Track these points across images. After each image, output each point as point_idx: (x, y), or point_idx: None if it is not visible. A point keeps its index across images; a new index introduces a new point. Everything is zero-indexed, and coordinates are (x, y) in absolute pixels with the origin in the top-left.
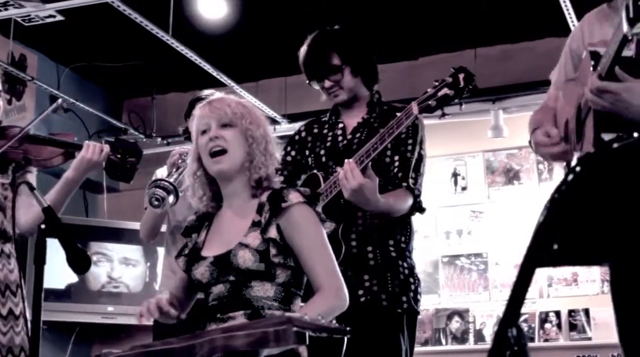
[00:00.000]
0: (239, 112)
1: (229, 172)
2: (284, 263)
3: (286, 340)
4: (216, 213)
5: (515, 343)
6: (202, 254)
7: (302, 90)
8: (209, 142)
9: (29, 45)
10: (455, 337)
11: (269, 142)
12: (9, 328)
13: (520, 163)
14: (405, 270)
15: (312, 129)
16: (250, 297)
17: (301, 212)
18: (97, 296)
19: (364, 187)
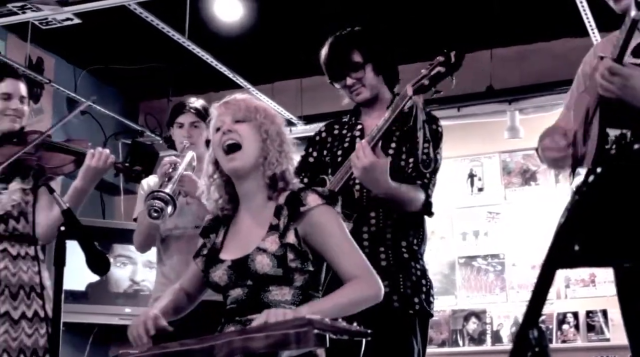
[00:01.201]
0: (253, 107)
1: (244, 168)
2: (301, 268)
3: (307, 342)
4: (234, 215)
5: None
6: (221, 257)
7: (318, 91)
8: (222, 136)
9: (46, 48)
10: (472, 339)
11: (284, 142)
12: (33, 330)
13: (537, 164)
14: (417, 272)
15: (333, 129)
16: (268, 301)
17: (321, 213)
18: (114, 297)
19: (374, 165)
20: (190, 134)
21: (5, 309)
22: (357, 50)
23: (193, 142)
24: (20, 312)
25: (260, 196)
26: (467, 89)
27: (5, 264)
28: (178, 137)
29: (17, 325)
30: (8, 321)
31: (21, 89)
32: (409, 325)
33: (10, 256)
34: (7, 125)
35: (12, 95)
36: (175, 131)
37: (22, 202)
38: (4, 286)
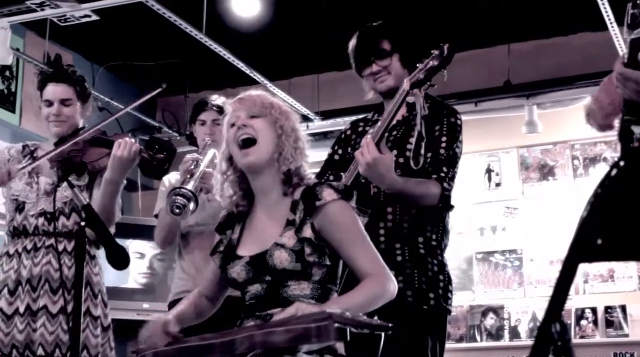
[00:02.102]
0: (268, 103)
1: (259, 164)
2: (319, 262)
3: (327, 336)
4: (249, 211)
5: (559, 339)
6: (238, 254)
7: (335, 87)
8: (237, 131)
9: (65, 46)
10: (490, 334)
11: (299, 138)
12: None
13: (555, 159)
14: (434, 267)
15: (358, 127)
16: (287, 296)
17: (337, 208)
18: (131, 293)
19: (378, 161)
20: (212, 131)
21: (44, 303)
22: (386, 39)
23: (215, 139)
24: (58, 307)
25: (276, 192)
26: (484, 84)
27: (49, 259)
28: (200, 134)
29: (55, 320)
30: (46, 315)
31: (62, 92)
32: (424, 321)
33: (56, 251)
34: (55, 131)
35: (53, 101)
36: (198, 129)
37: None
38: (45, 281)
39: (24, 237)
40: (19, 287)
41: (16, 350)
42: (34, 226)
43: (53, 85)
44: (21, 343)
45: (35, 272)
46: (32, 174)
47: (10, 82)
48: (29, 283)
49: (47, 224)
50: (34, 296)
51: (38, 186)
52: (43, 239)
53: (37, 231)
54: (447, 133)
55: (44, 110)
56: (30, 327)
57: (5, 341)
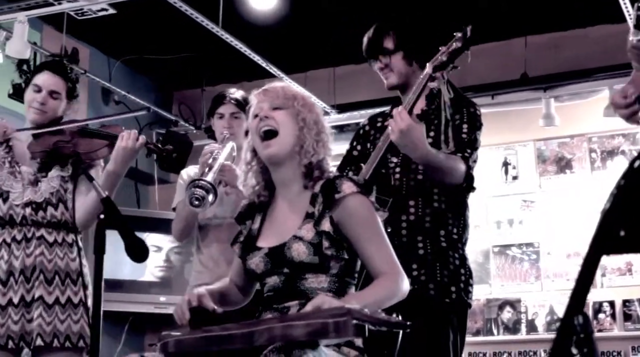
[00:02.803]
0: (290, 95)
1: (279, 155)
2: (336, 256)
3: (345, 332)
4: (270, 202)
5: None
6: (257, 244)
7: (351, 80)
8: (259, 122)
9: (81, 39)
10: (507, 328)
11: (322, 131)
12: (66, 316)
13: (572, 152)
14: (456, 260)
15: (376, 122)
16: (304, 289)
17: (355, 202)
18: (148, 286)
19: (411, 128)
20: (230, 124)
21: (40, 293)
22: (390, 36)
23: (233, 133)
24: (54, 297)
25: (297, 184)
26: (501, 76)
27: (42, 250)
28: (218, 127)
29: (51, 310)
30: (42, 306)
31: (56, 83)
32: (445, 314)
33: (47, 243)
34: (31, 117)
35: (42, 88)
36: (216, 122)
37: (61, 189)
38: (39, 271)
39: (10, 226)
40: (10, 277)
41: (12, 341)
42: (22, 216)
43: (48, 73)
44: (16, 334)
45: (28, 263)
46: (12, 163)
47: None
48: (22, 274)
49: (34, 214)
50: (28, 286)
51: (21, 175)
52: (32, 229)
53: (25, 220)
54: (467, 121)
55: (30, 94)
56: (25, 318)
57: (0, 332)
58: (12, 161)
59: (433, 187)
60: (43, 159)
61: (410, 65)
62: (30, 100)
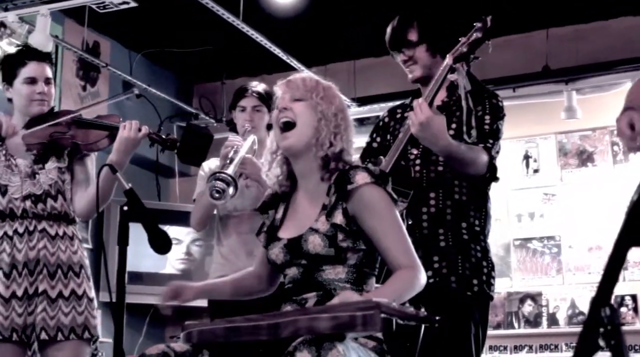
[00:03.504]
0: (311, 86)
1: (296, 147)
2: (353, 247)
3: (373, 325)
4: (292, 192)
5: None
6: (279, 235)
7: (371, 73)
8: (278, 113)
9: (103, 32)
10: (527, 321)
11: (340, 124)
12: (70, 308)
13: (594, 145)
14: (477, 253)
15: (395, 114)
16: (322, 280)
17: (370, 193)
18: (169, 279)
19: (431, 120)
20: (252, 117)
21: (43, 287)
22: (414, 29)
23: (254, 126)
24: (57, 291)
25: (315, 176)
26: (522, 69)
27: (45, 243)
28: (240, 120)
29: (54, 304)
30: (46, 300)
31: (46, 71)
32: (467, 307)
33: (49, 236)
34: (36, 109)
35: (37, 78)
36: (237, 115)
37: (59, 181)
38: (42, 265)
39: (11, 219)
40: (13, 270)
41: (16, 333)
42: (22, 209)
43: (36, 63)
44: (19, 326)
45: (32, 256)
46: (7, 156)
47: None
48: (26, 267)
49: (34, 206)
50: (31, 279)
51: (18, 168)
52: (33, 222)
53: (26, 213)
54: (489, 111)
55: (25, 88)
56: (27, 311)
57: (5, 324)
58: (6, 154)
59: (454, 179)
60: (40, 151)
61: (434, 57)
62: (29, 93)
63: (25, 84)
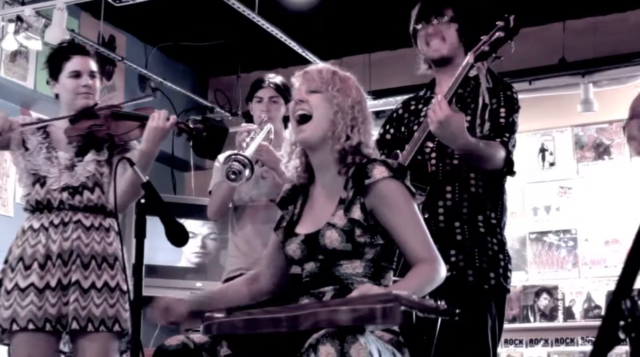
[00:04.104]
0: (327, 78)
1: (312, 140)
2: (370, 242)
3: (393, 318)
4: (310, 186)
5: (629, 315)
6: (296, 231)
7: (386, 66)
8: (295, 106)
9: (118, 26)
10: (543, 315)
11: (358, 116)
12: (102, 300)
13: (610, 138)
14: (494, 246)
15: (409, 105)
16: (339, 275)
17: (388, 187)
18: (184, 272)
19: (451, 118)
20: (268, 108)
21: (76, 277)
22: (449, 7)
23: (271, 116)
24: (90, 281)
25: (332, 169)
26: (539, 61)
27: (79, 234)
28: (256, 111)
29: (87, 294)
30: (78, 290)
31: (90, 64)
32: (484, 300)
33: (84, 227)
34: (81, 103)
35: (82, 72)
36: (254, 106)
37: (97, 173)
38: (76, 255)
39: (48, 211)
40: (48, 261)
41: (49, 323)
42: (59, 200)
43: (80, 57)
44: (53, 316)
45: (66, 247)
46: (49, 148)
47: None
48: (60, 257)
49: (71, 198)
50: (65, 270)
51: (58, 160)
52: (69, 214)
53: (62, 205)
54: (504, 104)
55: (70, 81)
56: (61, 301)
57: (38, 315)
58: (49, 147)
59: (470, 172)
60: (79, 143)
61: (460, 42)
62: (74, 87)
63: (70, 77)
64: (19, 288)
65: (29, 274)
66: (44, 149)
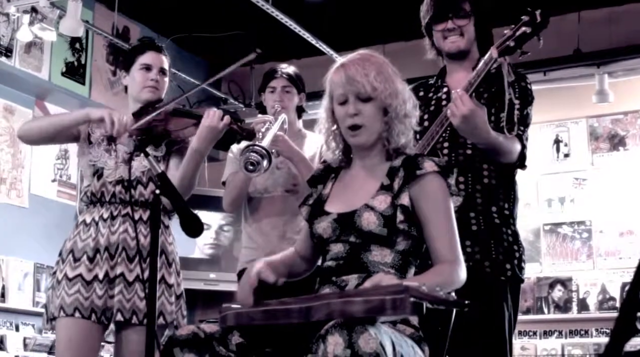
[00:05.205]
0: (378, 86)
1: (367, 144)
2: (407, 231)
3: (403, 309)
4: (345, 168)
5: None
6: (326, 209)
7: (401, 57)
8: (347, 117)
9: (132, 17)
10: (557, 306)
11: (407, 112)
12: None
13: (626, 128)
14: (509, 237)
15: (418, 92)
16: (367, 262)
17: (434, 181)
18: (198, 263)
19: (474, 112)
20: (281, 98)
21: (121, 270)
22: (467, 1)
23: (284, 106)
24: (134, 274)
25: (377, 155)
26: (553, 52)
27: (126, 227)
28: (270, 101)
29: (131, 287)
30: (123, 282)
31: (162, 61)
32: (500, 291)
33: (131, 220)
34: (146, 96)
35: (152, 66)
36: (267, 96)
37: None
38: (122, 248)
39: (100, 205)
40: (96, 254)
41: (94, 314)
42: (111, 193)
43: (154, 53)
44: (99, 308)
45: (113, 240)
46: (110, 141)
47: (80, 54)
48: (107, 251)
49: (124, 192)
50: (112, 263)
51: (116, 153)
52: (119, 207)
53: (114, 198)
54: (519, 96)
55: (140, 74)
56: (108, 294)
57: (85, 304)
58: (109, 139)
59: (483, 163)
60: (138, 137)
61: (477, 34)
62: (143, 79)
63: (141, 70)
64: (67, 278)
65: (78, 266)
66: (105, 141)
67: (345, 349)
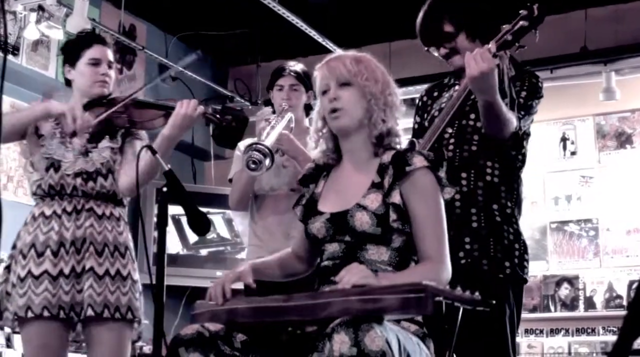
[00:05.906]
0: (354, 70)
1: (349, 127)
2: (401, 229)
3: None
4: (335, 166)
5: None
6: (319, 208)
7: (407, 55)
8: (328, 103)
9: (139, 15)
10: (564, 304)
11: (388, 100)
12: (115, 288)
13: (632, 126)
14: (510, 235)
15: (433, 92)
16: (364, 260)
17: (424, 177)
18: (203, 261)
19: (493, 71)
20: (289, 96)
21: (91, 264)
22: (449, 19)
23: (292, 104)
24: (104, 269)
25: (365, 152)
26: (560, 50)
27: (92, 222)
28: (277, 99)
29: (101, 281)
30: (93, 277)
31: (109, 54)
32: (499, 289)
33: (96, 215)
34: (97, 91)
35: (101, 60)
36: (275, 94)
37: (111, 160)
38: (89, 243)
39: (59, 197)
40: (61, 248)
41: (62, 311)
42: (72, 186)
43: (101, 46)
44: (67, 304)
45: (79, 235)
46: (62, 133)
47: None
48: (73, 245)
49: (84, 184)
50: (78, 257)
51: (72, 145)
52: (82, 201)
53: (76, 191)
54: (527, 89)
55: (88, 69)
56: (75, 289)
57: (52, 301)
58: (62, 132)
59: (486, 160)
60: (94, 130)
61: (474, 41)
62: (92, 74)
63: (89, 65)
64: (33, 275)
65: (42, 261)
66: (57, 134)
67: (351, 347)
